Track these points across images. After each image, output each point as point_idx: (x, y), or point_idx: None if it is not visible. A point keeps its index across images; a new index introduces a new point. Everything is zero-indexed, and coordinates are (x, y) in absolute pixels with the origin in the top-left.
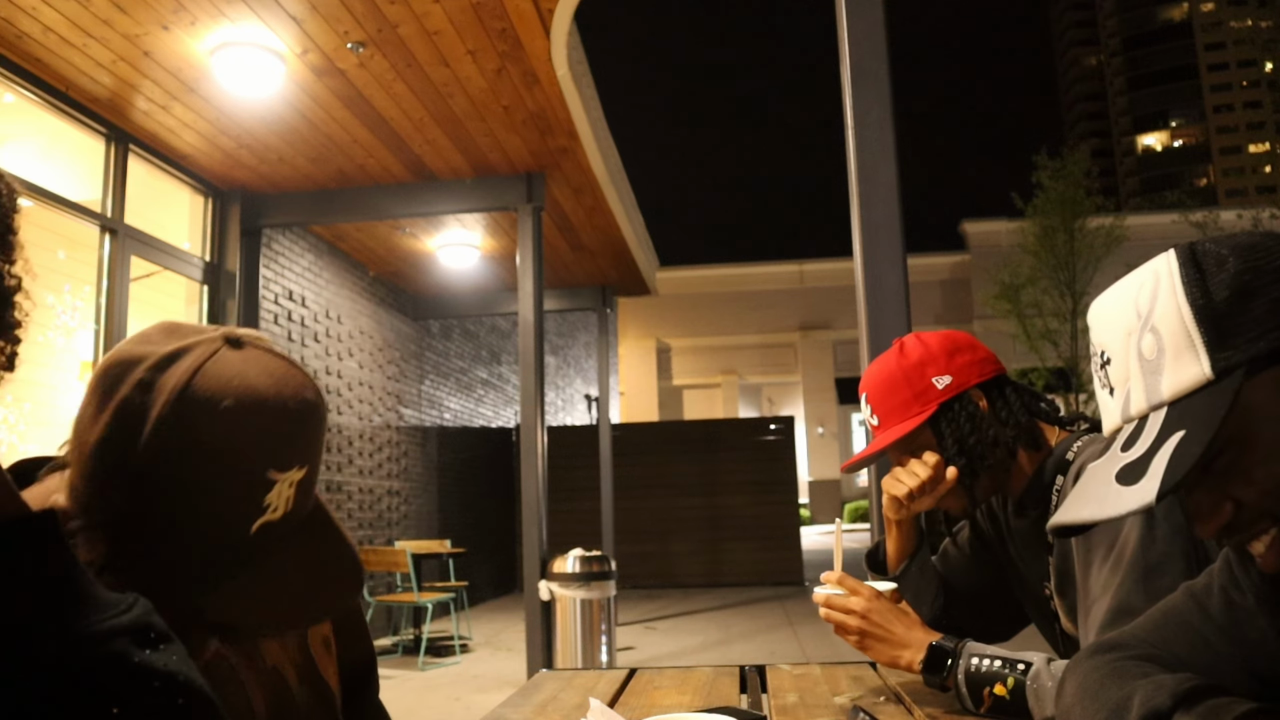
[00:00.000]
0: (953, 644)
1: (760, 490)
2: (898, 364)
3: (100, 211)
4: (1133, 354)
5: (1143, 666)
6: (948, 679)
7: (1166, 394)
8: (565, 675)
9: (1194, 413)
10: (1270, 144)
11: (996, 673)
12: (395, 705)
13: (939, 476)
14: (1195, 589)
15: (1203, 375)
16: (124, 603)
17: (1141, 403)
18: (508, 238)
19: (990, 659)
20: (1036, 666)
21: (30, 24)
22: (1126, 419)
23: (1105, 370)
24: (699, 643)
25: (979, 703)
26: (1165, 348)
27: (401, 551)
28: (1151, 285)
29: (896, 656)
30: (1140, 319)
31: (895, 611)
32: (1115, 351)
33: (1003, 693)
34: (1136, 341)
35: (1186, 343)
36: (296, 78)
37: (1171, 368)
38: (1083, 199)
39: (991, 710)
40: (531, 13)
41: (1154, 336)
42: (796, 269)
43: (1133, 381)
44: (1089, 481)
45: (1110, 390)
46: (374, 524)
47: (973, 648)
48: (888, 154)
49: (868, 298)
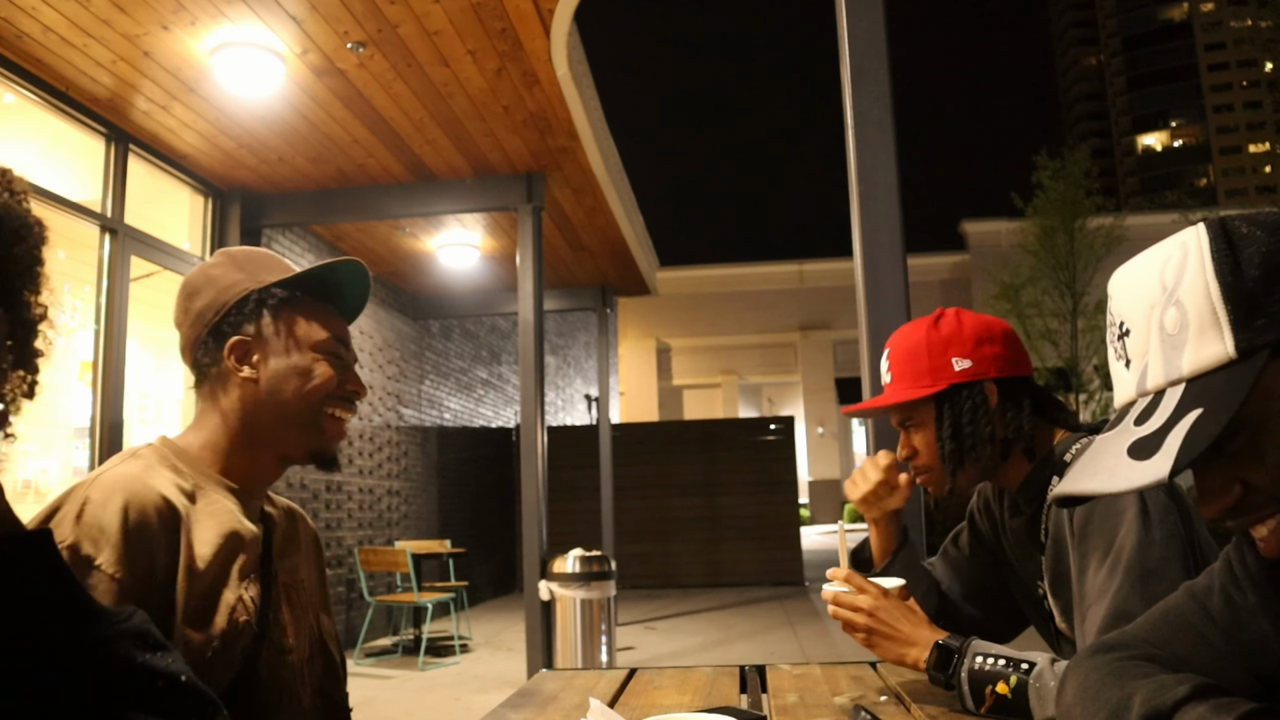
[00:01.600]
0: (959, 642)
1: (760, 490)
2: (926, 334)
3: (100, 211)
4: (1154, 327)
5: (1143, 667)
6: (953, 677)
7: (1187, 370)
8: (565, 675)
9: (1213, 391)
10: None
11: (999, 671)
12: (395, 705)
13: (892, 481)
14: (1196, 589)
15: (1226, 354)
16: (124, 613)
17: (1160, 377)
18: (508, 238)
19: (995, 658)
20: (1040, 666)
21: (30, 24)
22: (1142, 392)
23: (1123, 341)
24: (699, 643)
25: (980, 701)
26: (1189, 323)
27: (401, 551)
28: (1180, 258)
29: (903, 654)
30: (1165, 292)
31: (903, 609)
32: (1135, 323)
33: (1005, 691)
34: (1159, 315)
35: (1212, 319)
36: (296, 78)
37: (1194, 344)
38: (1083, 199)
39: (993, 709)
40: (531, 13)
41: (1178, 311)
42: (796, 269)
43: (1151, 355)
44: (1098, 453)
45: (1126, 362)
46: (374, 524)
47: (978, 646)
48: (888, 154)
49: (868, 298)
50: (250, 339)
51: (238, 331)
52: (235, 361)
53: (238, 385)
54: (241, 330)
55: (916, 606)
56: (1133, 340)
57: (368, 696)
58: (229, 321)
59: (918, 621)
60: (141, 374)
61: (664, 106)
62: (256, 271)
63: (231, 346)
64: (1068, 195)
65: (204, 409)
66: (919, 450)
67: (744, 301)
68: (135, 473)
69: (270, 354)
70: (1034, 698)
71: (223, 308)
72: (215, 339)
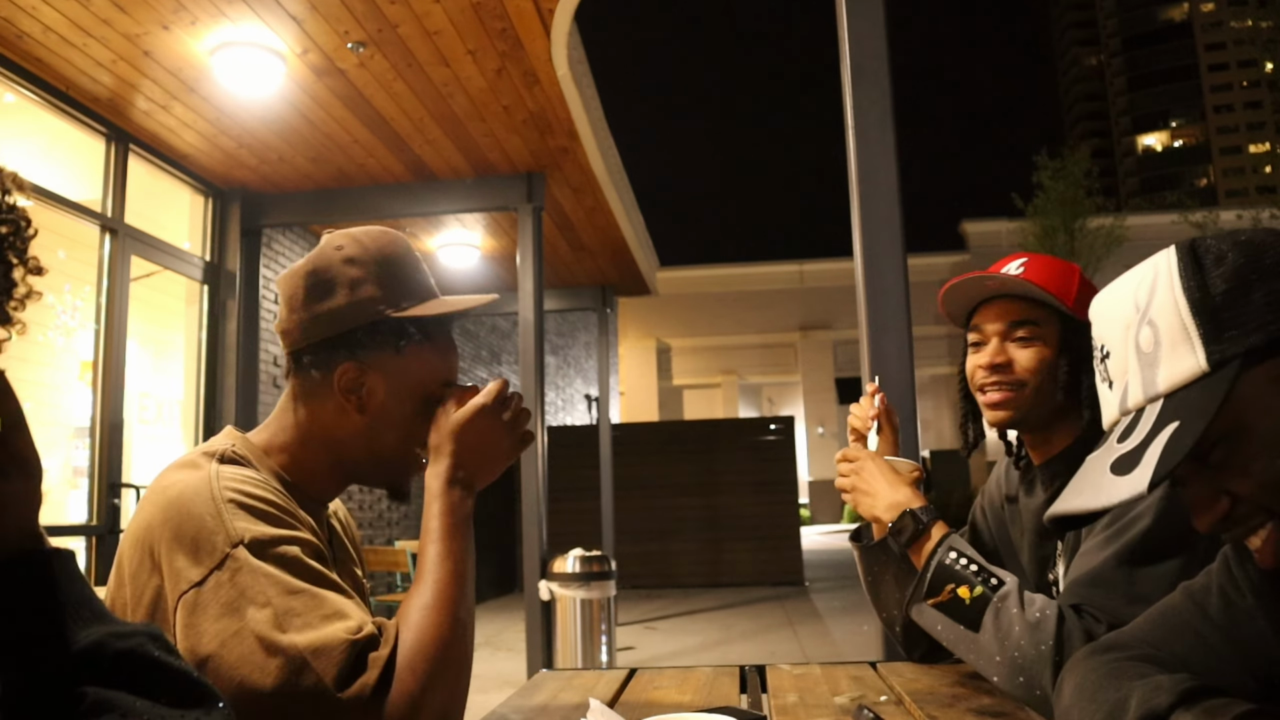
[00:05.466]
0: (928, 518)
1: (760, 490)
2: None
3: (100, 211)
4: (1131, 347)
5: (1140, 667)
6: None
7: (1163, 386)
8: (565, 675)
9: (1189, 404)
10: (1270, 144)
11: (966, 575)
12: None
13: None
14: (1193, 589)
15: (1198, 367)
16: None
17: (1139, 395)
18: (508, 238)
19: (968, 560)
20: (1008, 587)
21: (30, 24)
22: (1124, 411)
23: (1105, 364)
24: (699, 643)
25: (934, 594)
26: (1162, 340)
27: (402, 551)
28: (1151, 279)
29: (871, 506)
30: (1139, 312)
31: (886, 469)
32: (1114, 345)
33: (965, 595)
34: (1134, 335)
35: (1183, 335)
36: (296, 77)
37: (1168, 360)
38: (1083, 199)
39: (941, 605)
40: (531, 13)
41: (1151, 329)
42: (796, 269)
43: (1130, 375)
44: (1086, 472)
45: (1110, 384)
46: (374, 524)
47: (955, 541)
48: (888, 154)
49: (868, 298)
50: (366, 369)
51: (354, 357)
52: (343, 387)
53: (337, 408)
54: (358, 357)
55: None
56: (1113, 362)
57: None
58: (351, 341)
59: (895, 481)
60: (141, 374)
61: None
62: (397, 292)
63: (344, 371)
64: (1068, 195)
65: (288, 409)
66: (1017, 363)
67: (744, 301)
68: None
69: (384, 394)
70: (990, 615)
71: (350, 325)
72: (329, 351)
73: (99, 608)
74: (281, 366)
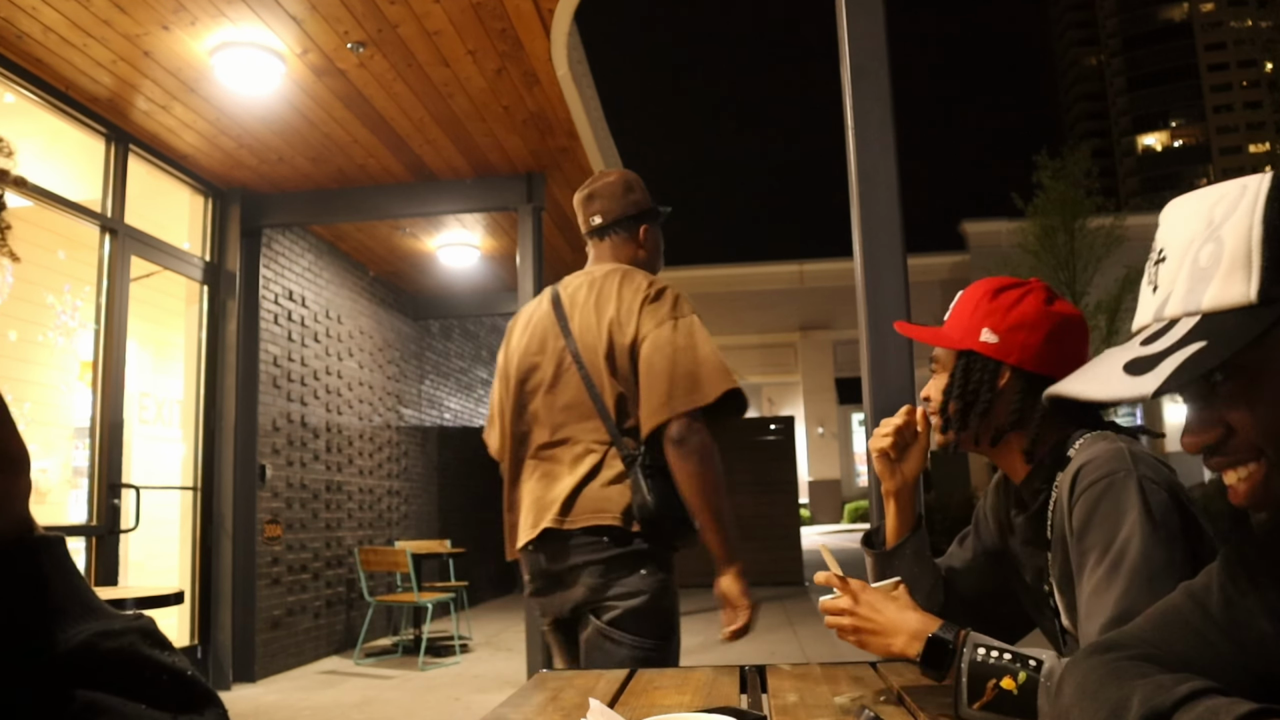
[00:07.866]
0: (952, 634)
1: (760, 490)
2: (981, 296)
3: (100, 211)
4: (1189, 259)
5: (1142, 667)
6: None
7: (1206, 304)
8: (565, 675)
9: (1223, 329)
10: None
11: (1006, 666)
12: (395, 705)
13: (913, 425)
14: (1194, 588)
15: (1246, 297)
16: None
17: (1178, 306)
18: (508, 238)
19: (998, 651)
20: (1050, 664)
21: (30, 24)
22: (1158, 318)
23: (1157, 267)
24: (699, 643)
25: (978, 696)
26: (1222, 260)
27: (401, 551)
28: (1234, 197)
29: (889, 645)
30: (1209, 227)
31: (882, 599)
32: (1173, 252)
33: (1011, 686)
34: (1197, 248)
35: (1244, 261)
36: (296, 78)
37: (1221, 281)
38: (1083, 199)
39: (990, 705)
40: (531, 13)
41: (1215, 246)
42: (796, 269)
43: (1178, 284)
44: (1100, 361)
45: (1155, 288)
46: (374, 524)
47: (976, 638)
48: (888, 154)
49: (868, 298)
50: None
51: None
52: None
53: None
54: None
55: (903, 593)
56: (1166, 267)
57: (368, 696)
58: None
59: (901, 606)
60: (141, 374)
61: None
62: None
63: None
64: (1068, 195)
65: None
66: (930, 396)
67: (744, 301)
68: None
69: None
70: (1043, 697)
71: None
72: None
73: (90, 600)
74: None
